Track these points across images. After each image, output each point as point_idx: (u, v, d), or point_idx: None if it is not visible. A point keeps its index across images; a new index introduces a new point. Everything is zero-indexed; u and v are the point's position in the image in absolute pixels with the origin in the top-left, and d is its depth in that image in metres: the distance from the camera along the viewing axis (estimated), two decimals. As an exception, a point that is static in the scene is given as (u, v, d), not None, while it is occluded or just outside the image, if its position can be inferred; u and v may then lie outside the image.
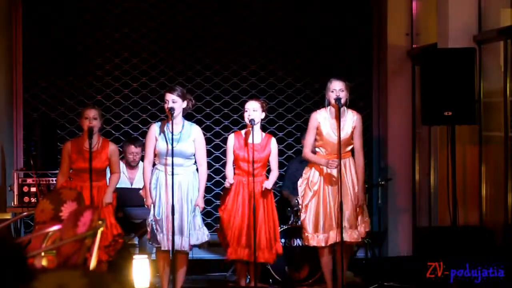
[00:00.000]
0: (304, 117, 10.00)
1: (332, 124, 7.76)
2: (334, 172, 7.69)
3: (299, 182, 7.92)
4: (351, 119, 7.78)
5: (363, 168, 7.82)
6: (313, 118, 7.82)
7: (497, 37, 7.97)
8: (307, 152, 7.84)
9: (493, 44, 8.16)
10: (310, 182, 7.79)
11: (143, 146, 8.28)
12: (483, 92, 8.21)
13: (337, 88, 7.72)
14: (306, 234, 7.78)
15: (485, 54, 8.23)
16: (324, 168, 7.72)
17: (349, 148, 7.81)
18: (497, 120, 8.01)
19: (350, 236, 7.71)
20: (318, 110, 7.89)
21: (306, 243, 7.83)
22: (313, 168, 7.81)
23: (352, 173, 7.77)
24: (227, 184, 7.94)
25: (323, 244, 7.73)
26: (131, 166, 8.84)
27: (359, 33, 10.04)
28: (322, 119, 7.78)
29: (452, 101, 7.75)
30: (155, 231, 7.67)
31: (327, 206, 7.73)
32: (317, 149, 7.86)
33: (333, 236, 7.70)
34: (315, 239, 7.75)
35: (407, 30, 9.72)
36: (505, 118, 7.78)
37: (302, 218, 7.81)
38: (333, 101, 7.69)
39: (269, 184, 7.91)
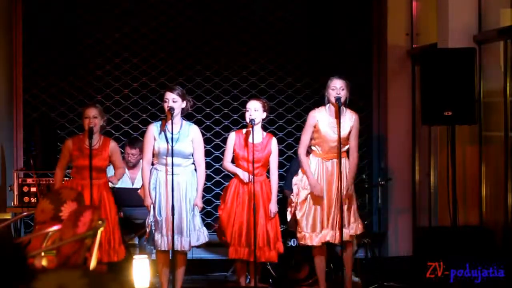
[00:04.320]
0: (304, 117, 10.00)
1: (331, 123, 7.73)
2: (329, 170, 7.68)
3: (294, 180, 7.88)
4: (350, 119, 7.75)
5: (355, 169, 7.76)
6: (311, 116, 7.79)
7: (497, 37, 7.97)
8: (300, 153, 7.80)
9: (493, 44, 8.16)
10: (304, 182, 7.77)
11: (141, 148, 8.25)
12: (483, 92, 8.20)
13: (337, 86, 7.69)
14: (303, 233, 7.75)
15: (485, 54, 8.23)
16: (321, 166, 7.70)
17: (345, 148, 7.78)
18: (497, 120, 8.01)
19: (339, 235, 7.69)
20: (316, 109, 7.86)
21: (303, 242, 7.80)
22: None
23: (346, 173, 7.74)
24: (246, 179, 7.89)
25: (319, 244, 7.72)
26: (129, 166, 8.82)
27: (359, 33, 10.04)
28: (321, 117, 7.75)
29: (452, 101, 7.75)
30: (153, 231, 7.66)
31: (322, 205, 7.71)
32: (313, 148, 7.83)
33: (324, 235, 7.69)
34: (313, 239, 7.72)
35: (407, 30, 9.71)
36: (505, 118, 7.77)
37: (298, 216, 7.77)
38: (333, 99, 7.67)
39: (273, 206, 7.90)
